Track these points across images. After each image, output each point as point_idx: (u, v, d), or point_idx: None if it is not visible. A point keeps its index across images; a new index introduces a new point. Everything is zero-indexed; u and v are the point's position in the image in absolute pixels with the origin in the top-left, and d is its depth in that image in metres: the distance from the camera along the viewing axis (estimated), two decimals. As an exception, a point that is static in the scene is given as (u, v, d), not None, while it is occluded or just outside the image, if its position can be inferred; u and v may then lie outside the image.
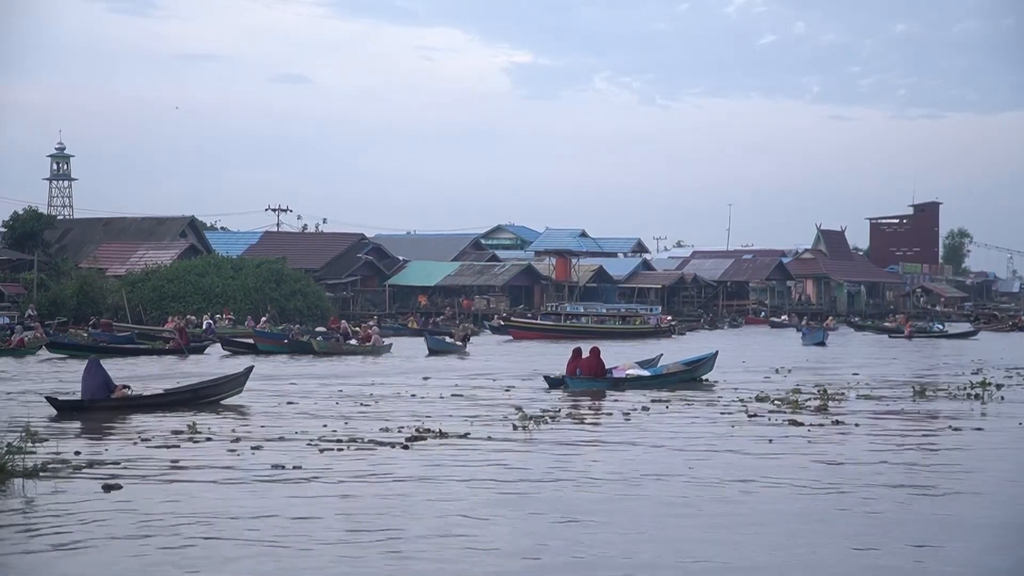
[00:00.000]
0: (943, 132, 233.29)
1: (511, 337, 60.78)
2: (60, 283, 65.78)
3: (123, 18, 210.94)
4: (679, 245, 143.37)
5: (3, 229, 75.97)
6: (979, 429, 18.92)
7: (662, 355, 32.78)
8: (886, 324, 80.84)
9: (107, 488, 12.33)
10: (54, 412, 19.98)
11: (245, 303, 67.14)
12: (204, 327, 56.55)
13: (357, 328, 53.42)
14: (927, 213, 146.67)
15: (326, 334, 50.36)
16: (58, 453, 14.58)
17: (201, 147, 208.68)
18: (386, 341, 48.25)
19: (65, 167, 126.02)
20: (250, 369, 24.25)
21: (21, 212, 75.08)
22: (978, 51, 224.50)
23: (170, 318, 57.59)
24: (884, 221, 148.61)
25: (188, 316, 59.24)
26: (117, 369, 33.40)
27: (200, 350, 43.25)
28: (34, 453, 13.68)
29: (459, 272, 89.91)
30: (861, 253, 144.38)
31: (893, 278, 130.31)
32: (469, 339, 49.72)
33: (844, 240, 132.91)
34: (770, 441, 16.92)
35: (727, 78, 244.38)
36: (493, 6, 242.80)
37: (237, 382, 23.14)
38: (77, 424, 18.90)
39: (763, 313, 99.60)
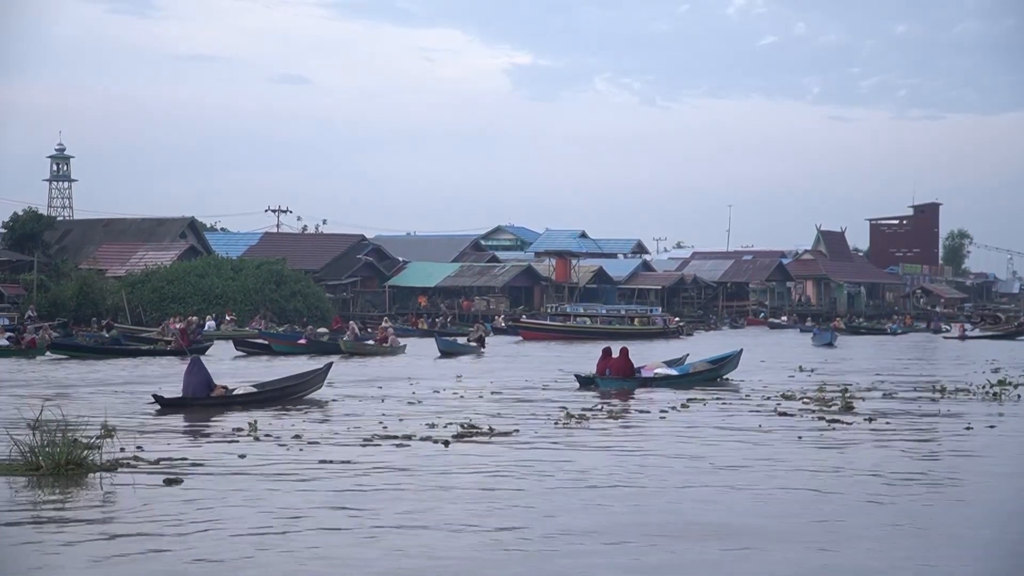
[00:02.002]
0: (943, 133, 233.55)
1: (521, 338, 60.83)
2: (60, 284, 65.66)
3: (123, 19, 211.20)
4: (679, 246, 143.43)
5: (3, 230, 75.90)
6: (992, 427, 19.07)
7: (688, 355, 33.06)
8: (881, 327, 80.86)
9: (168, 482, 12.71)
10: (158, 408, 21.15)
11: (245, 304, 67.08)
12: (205, 328, 56.54)
13: (369, 330, 53.36)
14: (927, 214, 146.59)
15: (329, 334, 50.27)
16: (130, 448, 15.08)
17: (201, 148, 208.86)
18: (401, 342, 48.43)
19: (65, 168, 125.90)
20: (330, 365, 25.34)
21: (21, 213, 75.01)
22: (979, 52, 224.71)
23: (171, 319, 57.55)
24: (884, 222, 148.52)
25: (190, 317, 59.13)
26: (114, 371, 33.56)
27: (202, 351, 43.13)
28: (105, 448, 14.08)
29: (459, 273, 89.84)
30: (861, 254, 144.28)
31: (893, 279, 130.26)
32: (484, 341, 49.56)
33: (844, 241, 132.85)
34: (799, 438, 17.26)
35: (727, 79, 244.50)
36: (493, 7, 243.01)
37: (319, 378, 24.22)
38: (172, 419, 19.85)
39: (762, 314, 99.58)
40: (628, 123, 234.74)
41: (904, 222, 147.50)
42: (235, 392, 22.30)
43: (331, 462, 14.48)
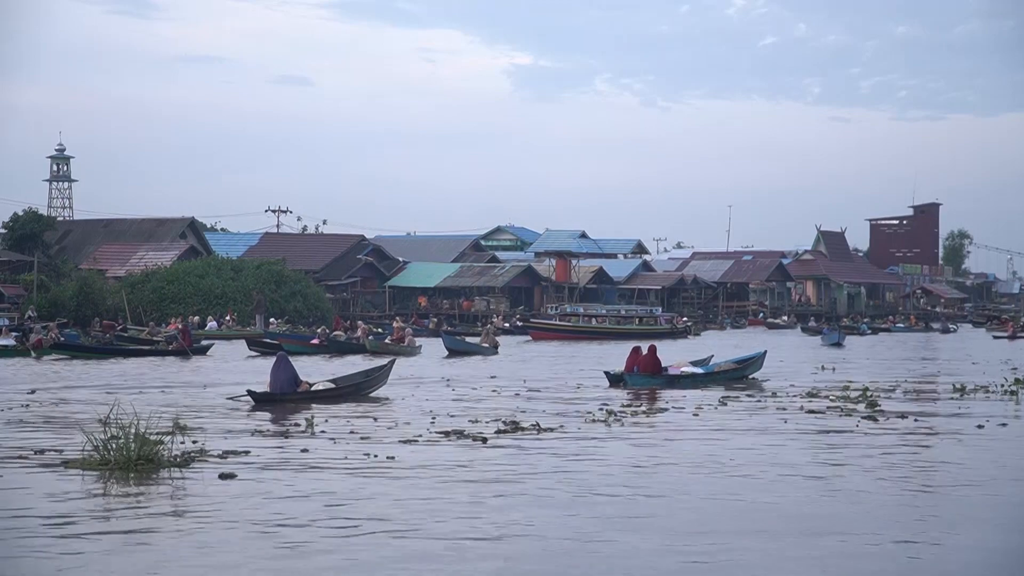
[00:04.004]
0: (944, 134, 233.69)
1: (530, 338, 60.76)
2: (60, 284, 65.53)
3: (122, 19, 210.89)
4: (679, 246, 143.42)
5: (3, 231, 75.83)
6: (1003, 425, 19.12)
7: (713, 355, 33.24)
8: (854, 325, 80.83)
9: (223, 477, 12.93)
10: (252, 403, 22.20)
11: (246, 304, 67.00)
12: (207, 328, 56.36)
13: (379, 330, 53.18)
14: (927, 214, 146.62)
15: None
16: (202, 444, 15.30)
17: (201, 148, 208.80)
18: (417, 341, 48.44)
19: (65, 168, 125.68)
20: (392, 362, 26.42)
21: (21, 213, 74.89)
22: (979, 53, 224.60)
23: (172, 320, 57.50)
24: (884, 222, 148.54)
25: (192, 317, 59.06)
26: (121, 371, 33.51)
27: (203, 351, 43.16)
28: (176, 444, 14.35)
29: (459, 273, 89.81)
30: (861, 254, 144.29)
31: (893, 279, 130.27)
32: (497, 344, 49.28)
33: (844, 241, 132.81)
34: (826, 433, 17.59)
35: (728, 80, 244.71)
36: (494, 8, 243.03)
37: (385, 375, 25.40)
38: (240, 416, 20.51)
39: (761, 315, 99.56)
40: (629, 124, 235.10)
41: (904, 222, 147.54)
42: (315, 388, 23.42)
43: (376, 456, 14.83)
